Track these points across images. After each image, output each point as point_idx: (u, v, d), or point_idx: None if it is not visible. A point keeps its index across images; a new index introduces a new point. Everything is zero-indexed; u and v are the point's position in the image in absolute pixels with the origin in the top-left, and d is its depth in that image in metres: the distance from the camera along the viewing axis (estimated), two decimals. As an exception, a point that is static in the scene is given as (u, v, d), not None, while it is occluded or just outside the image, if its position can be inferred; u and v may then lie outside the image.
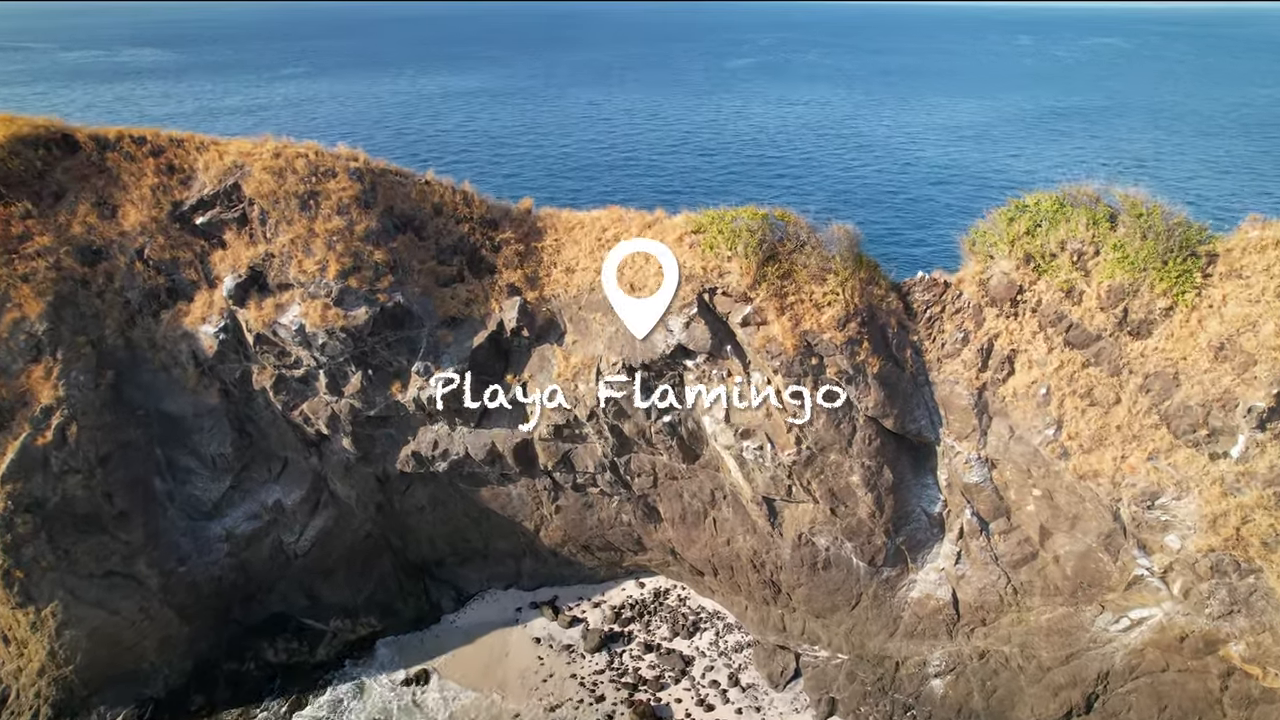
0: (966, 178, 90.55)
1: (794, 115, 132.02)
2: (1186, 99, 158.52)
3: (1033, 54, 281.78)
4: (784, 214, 24.70)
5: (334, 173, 24.92)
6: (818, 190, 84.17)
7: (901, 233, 69.62)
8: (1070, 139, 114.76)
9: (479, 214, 26.51)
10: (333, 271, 24.36)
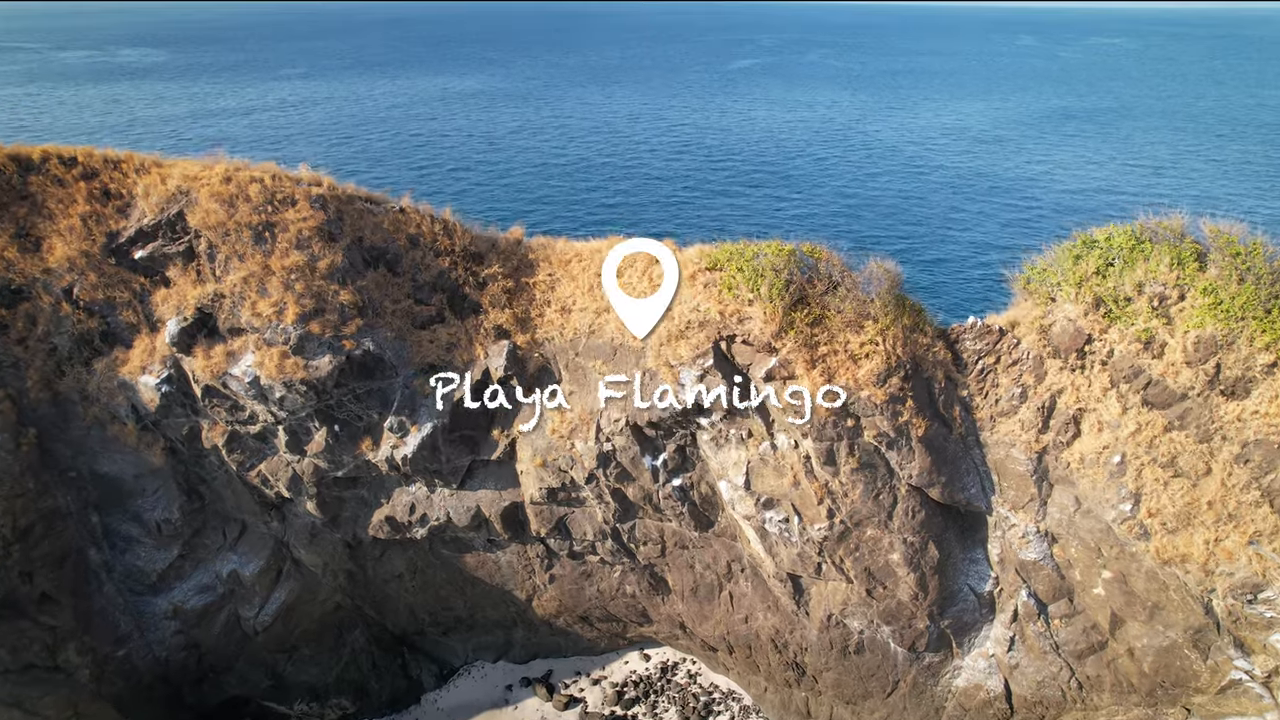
0: (978, 181, 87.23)
1: (800, 119, 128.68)
2: (1197, 100, 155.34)
3: (1037, 54, 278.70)
4: (813, 249, 21.37)
5: (293, 200, 21.58)
6: (826, 197, 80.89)
7: (912, 239, 66.34)
8: (1083, 141, 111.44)
9: (462, 245, 23.17)
10: (291, 315, 21.04)
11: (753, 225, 70.93)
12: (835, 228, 69.65)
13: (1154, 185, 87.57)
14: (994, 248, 63.74)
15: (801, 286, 20.65)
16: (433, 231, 22.99)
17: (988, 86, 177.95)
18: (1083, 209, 76.23)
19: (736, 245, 21.60)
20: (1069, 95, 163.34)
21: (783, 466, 21.03)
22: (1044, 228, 70.13)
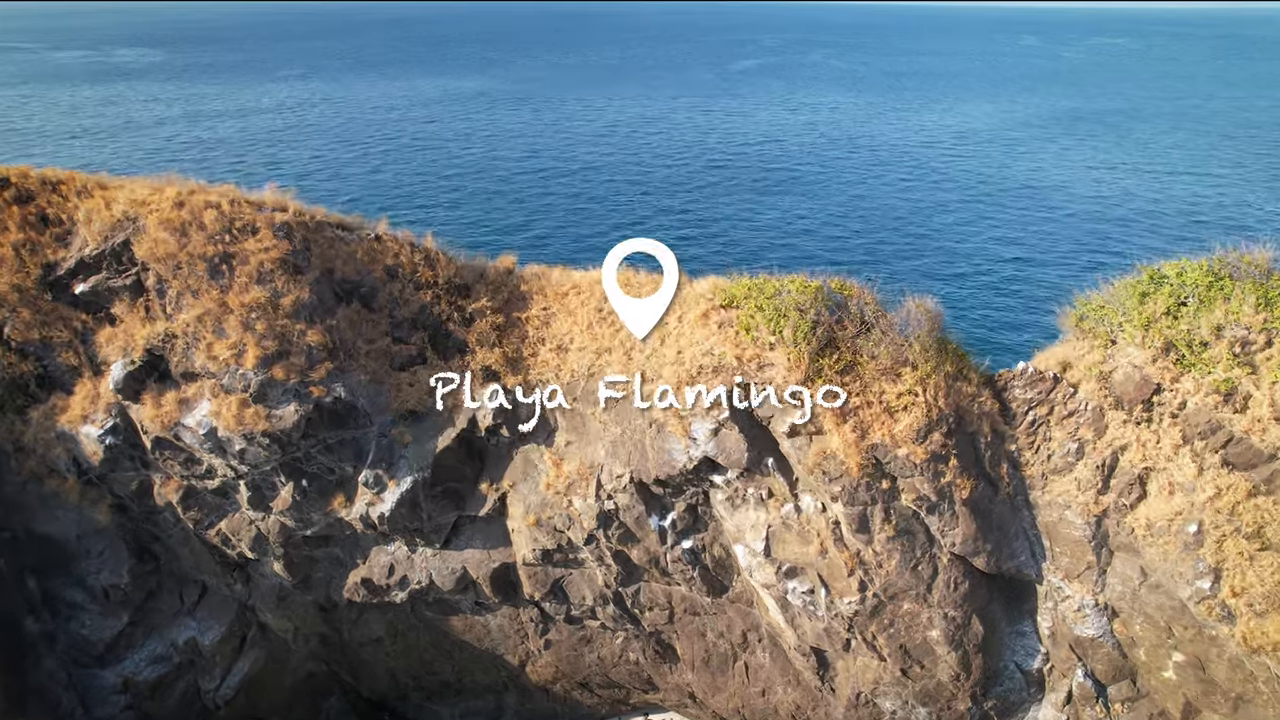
0: (989, 186, 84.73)
1: (805, 121, 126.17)
2: (1207, 101, 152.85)
3: (1041, 55, 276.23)
4: (843, 285, 18.89)
5: (254, 228, 19.09)
6: (833, 205, 78.38)
7: (925, 253, 63.84)
8: (1095, 143, 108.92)
9: (445, 277, 20.68)
10: (251, 358, 18.57)
11: (758, 233, 68.48)
12: (844, 239, 67.17)
13: (1171, 189, 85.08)
14: (1012, 260, 61.25)
15: (830, 328, 18.17)
16: (413, 262, 20.49)
17: (994, 87, 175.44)
18: (1103, 217, 73.82)
19: (755, 280, 19.11)
20: (1077, 96, 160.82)
21: (808, 532, 18.54)
22: (1061, 235, 67.74)
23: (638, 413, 19.35)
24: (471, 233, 67.56)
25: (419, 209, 75.07)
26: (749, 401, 18.35)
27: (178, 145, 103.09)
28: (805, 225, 69.64)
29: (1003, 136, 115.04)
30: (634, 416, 19.43)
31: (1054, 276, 57.75)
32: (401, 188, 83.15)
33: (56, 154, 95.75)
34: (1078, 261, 60.63)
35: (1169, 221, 73.19)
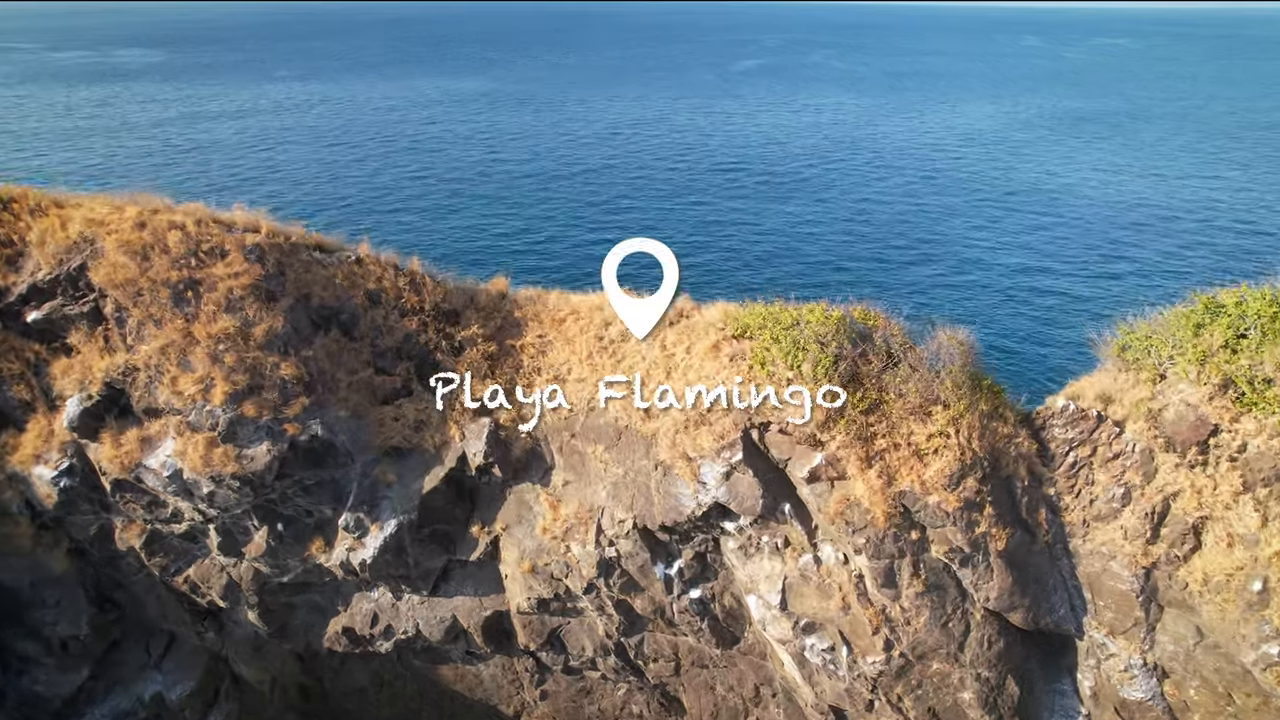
0: (995, 190, 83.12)
1: (808, 123, 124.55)
2: (1210, 102, 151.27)
3: (1042, 55, 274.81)
4: (866, 313, 17.28)
5: (223, 251, 17.48)
6: (838, 208, 76.80)
7: (934, 259, 62.23)
8: (1100, 145, 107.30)
9: (432, 302, 19.06)
10: (220, 394, 16.96)
11: (762, 238, 66.87)
12: (850, 244, 65.57)
13: (1180, 191, 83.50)
14: (1023, 269, 59.61)
15: (853, 362, 16.55)
16: (397, 286, 18.87)
17: (997, 88, 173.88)
18: (1114, 221, 72.24)
19: (770, 308, 17.48)
20: (1080, 97, 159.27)
21: (829, 586, 16.93)
22: (1073, 240, 66.17)
23: (642, 452, 17.75)
24: (469, 239, 65.96)
25: (418, 213, 73.49)
26: (765, 443, 16.76)
27: (171, 149, 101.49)
28: (811, 230, 68.01)
29: (1008, 138, 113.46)
30: (638, 456, 17.83)
31: (1064, 284, 56.22)
32: (399, 191, 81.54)
33: (49, 154, 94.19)
34: (1091, 269, 59.05)
35: (1180, 225, 71.63)
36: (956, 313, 50.49)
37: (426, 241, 64.39)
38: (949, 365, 16.29)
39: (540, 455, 19.01)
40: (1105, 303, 51.77)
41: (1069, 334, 47.08)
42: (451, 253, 60.43)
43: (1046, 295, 53.65)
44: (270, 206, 66.06)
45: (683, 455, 17.02)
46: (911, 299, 52.28)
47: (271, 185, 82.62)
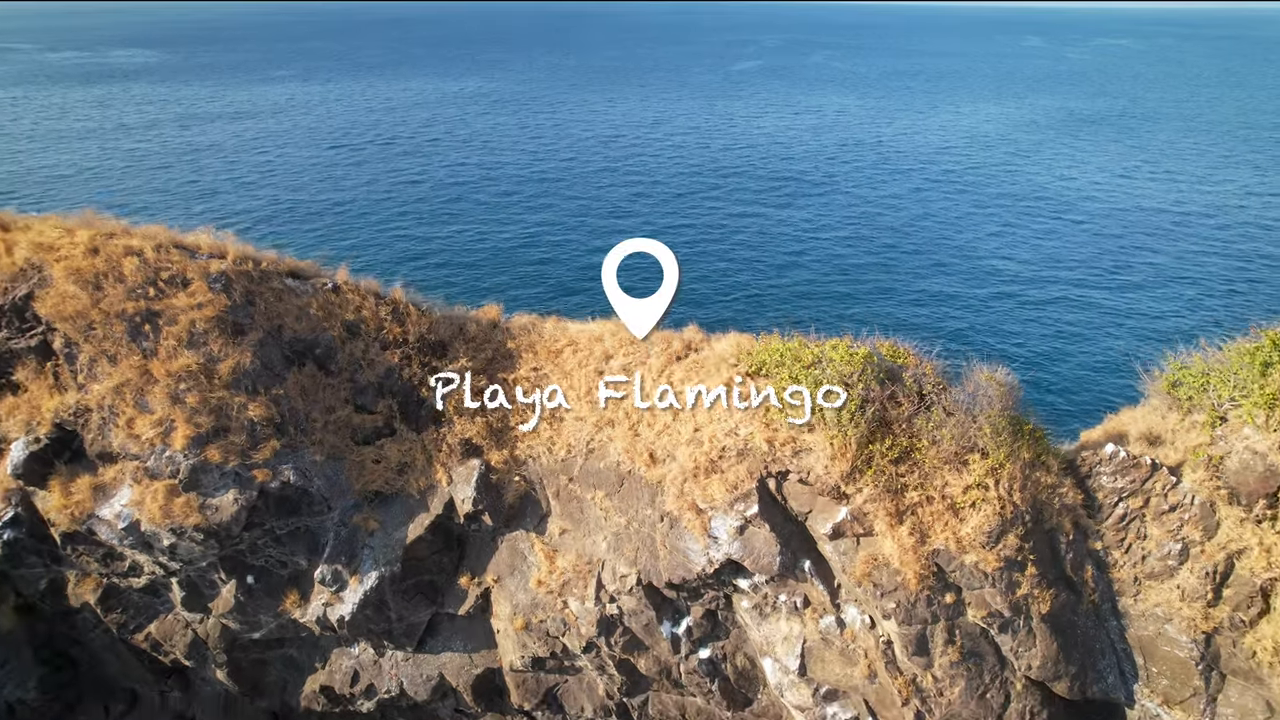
0: (1003, 192, 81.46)
1: (811, 125, 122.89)
2: (1215, 105, 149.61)
3: (1045, 55, 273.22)
4: (894, 349, 15.67)
5: (185, 280, 15.87)
6: (842, 214, 75.18)
7: (949, 269, 60.59)
8: (1109, 148, 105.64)
9: (417, 333, 17.45)
10: (181, 437, 15.35)
11: (769, 248, 65.25)
12: (857, 254, 63.92)
13: (1192, 195, 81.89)
14: (1038, 277, 57.93)
15: (882, 404, 14.93)
16: (378, 316, 17.25)
17: (1001, 89, 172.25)
18: (1131, 226, 70.62)
19: (788, 343, 15.86)
20: (1086, 98, 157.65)
21: (853, 651, 15.30)
22: (1086, 245, 64.53)
23: (646, 500, 16.13)
24: (468, 253, 64.33)
25: (413, 220, 71.87)
26: (783, 494, 15.15)
27: (168, 151, 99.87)
28: (816, 237, 66.33)
29: (1014, 140, 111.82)
30: (642, 504, 16.21)
31: (1084, 293, 54.56)
32: (397, 195, 79.88)
33: (43, 155, 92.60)
34: (1111, 278, 57.36)
35: (1195, 230, 70.05)
36: (973, 327, 48.89)
37: (422, 251, 62.85)
38: (987, 409, 14.67)
39: (535, 500, 17.40)
40: (1128, 315, 50.19)
41: (1094, 350, 45.45)
42: (447, 263, 58.82)
43: (1067, 306, 51.96)
44: (263, 215, 64.41)
45: (691, 506, 15.41)
46: (924, 311, 50.69)
47: (267, 189, 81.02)
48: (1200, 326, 44.36)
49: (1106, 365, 42.86)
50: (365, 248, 62.56)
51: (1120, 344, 45.58)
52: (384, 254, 60.55)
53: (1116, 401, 22.08)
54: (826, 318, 49.79)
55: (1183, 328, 45.03)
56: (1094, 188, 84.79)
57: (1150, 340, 43.81)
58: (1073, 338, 47.06)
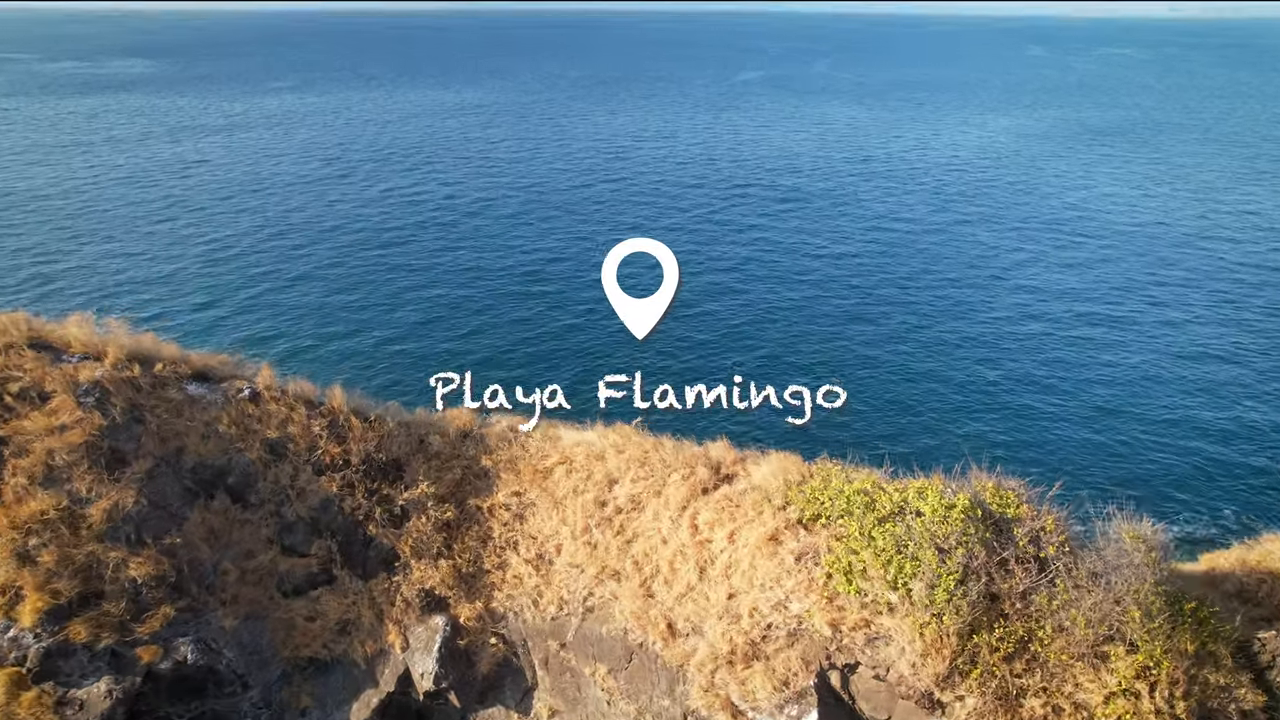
0: (1018, 210, 77.60)
1: (818, 137, 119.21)
2: (1228, 115, 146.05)
3: (1051, 65, 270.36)
4: (1000, 493, 11.64)
5: (42, 393, 11.88)
6: (853, 229, 71.33)
7: (959, 287, 56.64)
8: (1124, 162, 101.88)
9: (363, 451, 13.44)
10: (31, 611, 11.33)
11: (782, 280, 61.35)
12: (874, 283, 59.98)
13: (1220, 210, 78.23)
14: (1076, 315, 53.71)
15: (986, 570, 10.91)
16: (310, 432, 13.23)
17: (1008, 99, 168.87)
18: (1157, 239, 66.77)
19: (855, 483, 11.82)
20: (1093, 108, 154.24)
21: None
22: (1114, 271, 60.60)
23: (664, 687, 12.09)
24: (462, 278, 60.39)
25: (409, 245, 68.02)
26: (851, 693, 11.10)
27: (159, 166, 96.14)
28: (831, 268, 62.30)
29: (1029, 153, 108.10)
30: (658, 692, 12.16)
31: (1115, 333, 50.51)
32: (393, 210, 76.00)
33: (37, 171, 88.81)
34: (1154, 311, 53.33)
35: (1218, 245, 66.31)
36: (1024, 374, 44.70)
37: (415, 266, 59.03)
38: (1135, 583, 10.63)
39: (516, 670, 13.34)
40: (1186, 351, 45.94)
41: (1158, 404, 41.18)
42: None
43: (1115, 351, 47.52)
44: (256, 232, 57.31)
45: (726, 704, 11.37)
46: (953, 357, 46.65)
47: (260, 198, 77.18)
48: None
49: (1218, 461, 37.21)
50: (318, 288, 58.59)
51: (1186, 392, 41.21)
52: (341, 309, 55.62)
53: (1242, 511, 18.15)
54: (851, 363, 45.83)
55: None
56: (1116, 203, 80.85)
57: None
58: (1131, 389, 42.77)
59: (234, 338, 46.51)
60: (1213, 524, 30.96)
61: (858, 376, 43.27)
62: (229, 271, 59.02)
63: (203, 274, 58.29)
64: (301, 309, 52.24)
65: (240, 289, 55.73)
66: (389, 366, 44.44)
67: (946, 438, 37.65)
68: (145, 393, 12.44)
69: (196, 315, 50.76)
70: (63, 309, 13.59)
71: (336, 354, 45.71)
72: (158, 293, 54.61)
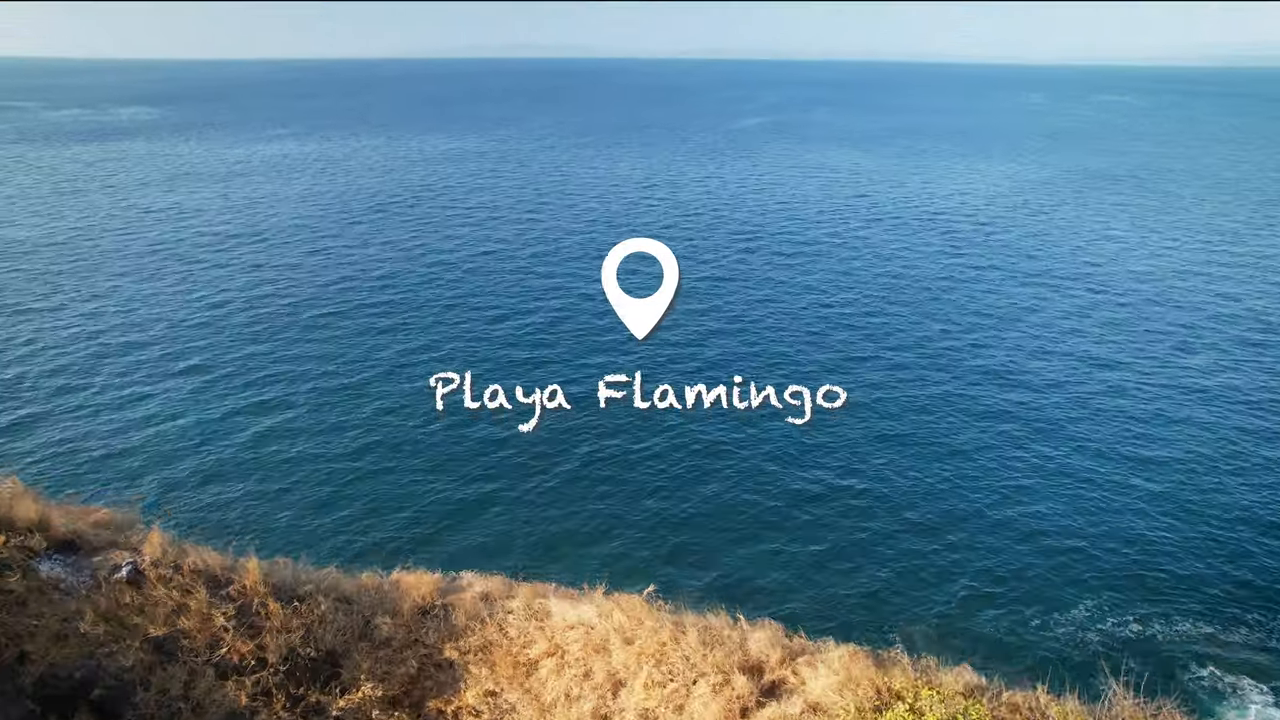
0: (1041, 265, 74.85)
1: (820, 186, 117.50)
2: (1238, 164, 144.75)
3: (1052, 112, 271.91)
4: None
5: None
6: (869, 278, 68.60)
7: (991, 356, 53.45)
8: (1137, 211, 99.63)
9: (284, 646, 9.99)
10: None
11: (789, 324, 58.33)
12: (894, 344, 56.90)
13: (1242, 261, 75.55)
14: (1107, 386, 50.03)
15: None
16: (211, 624, 9.83)
17: (1012, 146, 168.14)
18: (1178, 302, 63.78)
19: (962, 707, 8.42)
20: (1099, 155, 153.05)
21: None
22: (1139, 332, 57.50)
23: None
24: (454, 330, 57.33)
25: (399, 291, 65.28)
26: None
27: (150, 216, 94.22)
28: (846, 330, 59.27)
29: (1038, 201, 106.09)
30: None
31: (1157, 405, 47.00)
32: (387, 254, 73.46)
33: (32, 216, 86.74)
34: (1180, 375, 50.02)
35: (1249, 293, 63.38)
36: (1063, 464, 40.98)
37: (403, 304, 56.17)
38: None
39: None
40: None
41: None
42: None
43: (1173, 424, 43.42)
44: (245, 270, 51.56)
45: None
46: (983, 431, 43.19)
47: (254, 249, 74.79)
48: None
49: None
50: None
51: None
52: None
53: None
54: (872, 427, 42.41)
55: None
56: (1132, 255, 78.23)
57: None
58: (1186, 477, 39.10)
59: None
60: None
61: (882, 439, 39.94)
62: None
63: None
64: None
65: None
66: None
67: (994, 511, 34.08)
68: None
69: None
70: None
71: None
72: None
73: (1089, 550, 32.73)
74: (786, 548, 32.70)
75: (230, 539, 10.94)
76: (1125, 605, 29.49)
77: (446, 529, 32.91)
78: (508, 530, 33.17)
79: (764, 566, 31.58)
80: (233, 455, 38.42)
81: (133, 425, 41.30)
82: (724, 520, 34.44)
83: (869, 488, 36.86)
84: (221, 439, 40.00)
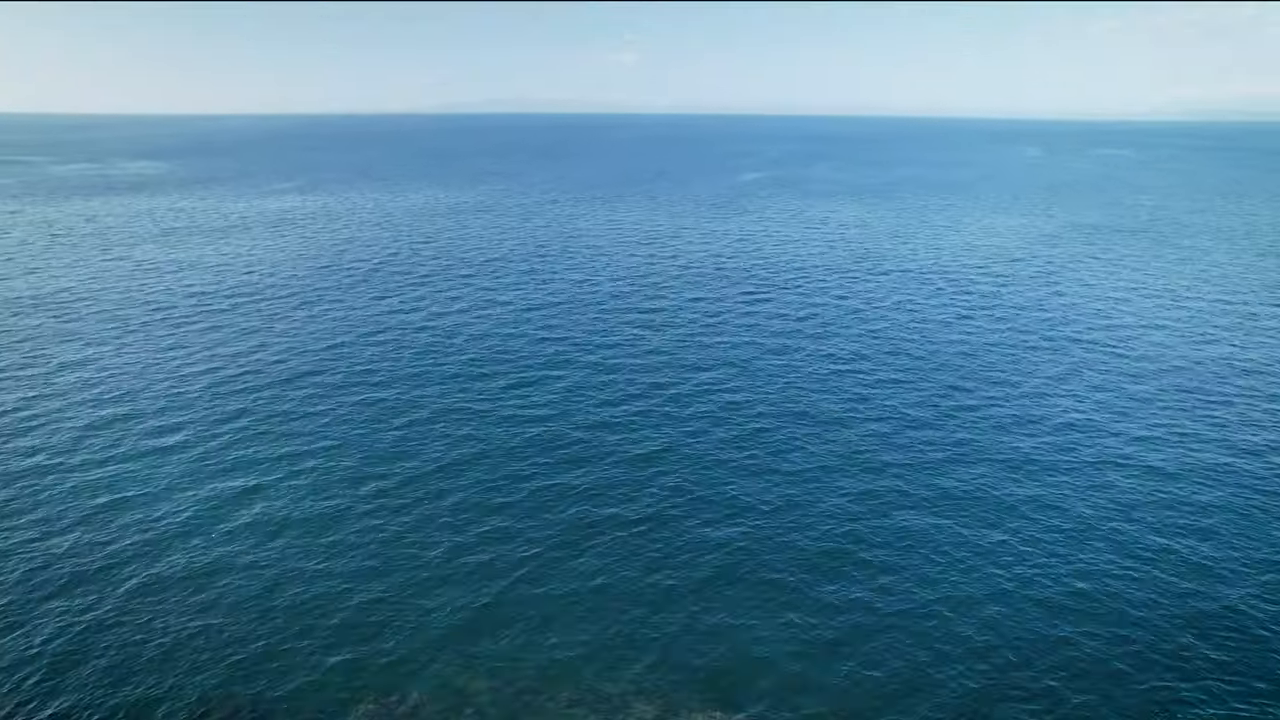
0: (1047, 324, 71.03)
1: (826, 241, 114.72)
2: (1255, 216, 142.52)
3: (1051, 166, 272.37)
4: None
5: None
6: (881, 351, 64.71)
7: (1011, 438, 49.12)
8: (1146, 265, 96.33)
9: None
10: None
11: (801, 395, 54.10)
12: (923, 424, 52.63)
13: (1260, 322, 71.79)
14: (1149, 468, 46.10)
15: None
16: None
17: (1015, 200, 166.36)
18: (1207, 371, 59.72)
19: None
20: (1106, 210, 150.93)
21: None
22: (1150, 398, 53.28)
23: None
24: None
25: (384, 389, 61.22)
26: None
27: (148, 270, 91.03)
28: (867, 387, 55.08)
29: (1046, 254, 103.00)
30: None
31: (1222, 495, 42.49)
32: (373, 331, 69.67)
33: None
34: (1214, 442, 45.66)
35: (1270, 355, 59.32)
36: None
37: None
38: None
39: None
40: None
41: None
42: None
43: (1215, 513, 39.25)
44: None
45: None
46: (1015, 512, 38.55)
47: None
48: None
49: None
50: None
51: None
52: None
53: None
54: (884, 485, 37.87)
55: None
56: (1151, 316, 74.50)
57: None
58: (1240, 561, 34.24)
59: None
60: None
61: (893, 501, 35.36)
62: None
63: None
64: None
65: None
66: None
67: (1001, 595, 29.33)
68: None
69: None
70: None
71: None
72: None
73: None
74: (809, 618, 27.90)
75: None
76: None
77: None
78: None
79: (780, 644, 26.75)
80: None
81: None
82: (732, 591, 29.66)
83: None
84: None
